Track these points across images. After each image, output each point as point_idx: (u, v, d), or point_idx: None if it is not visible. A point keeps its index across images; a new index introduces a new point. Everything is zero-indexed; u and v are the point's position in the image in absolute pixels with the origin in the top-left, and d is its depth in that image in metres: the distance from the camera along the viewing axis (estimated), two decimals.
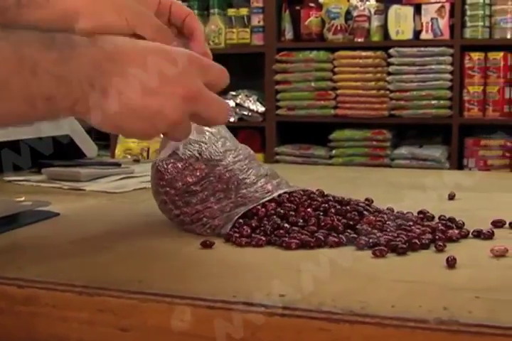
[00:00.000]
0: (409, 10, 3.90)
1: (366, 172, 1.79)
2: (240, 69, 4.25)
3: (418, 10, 3.90)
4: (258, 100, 4.12)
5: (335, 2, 4.02)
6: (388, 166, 3.82)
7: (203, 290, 0.70)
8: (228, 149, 1.00)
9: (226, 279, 0.76)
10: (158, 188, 0.97)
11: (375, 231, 0.91)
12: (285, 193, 1.00)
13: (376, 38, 3.94)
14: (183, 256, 0.86)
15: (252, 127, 4.17)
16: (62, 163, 1.49)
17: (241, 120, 4.11)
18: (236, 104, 4.09)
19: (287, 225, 0.92)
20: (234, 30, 4.17)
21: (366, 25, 3.95)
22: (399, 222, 0.95)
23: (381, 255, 0.83)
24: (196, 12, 4.12)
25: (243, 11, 4.20)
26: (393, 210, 1.02)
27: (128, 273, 0.78)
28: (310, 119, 4.02)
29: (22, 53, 0.69)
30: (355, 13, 3.97)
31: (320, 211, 0.96)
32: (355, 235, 0.90)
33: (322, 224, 0.92)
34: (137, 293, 0.70)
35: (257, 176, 0.99)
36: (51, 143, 1.54)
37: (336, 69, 3.96)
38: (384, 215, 0.98)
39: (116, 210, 1.16)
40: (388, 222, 0.95)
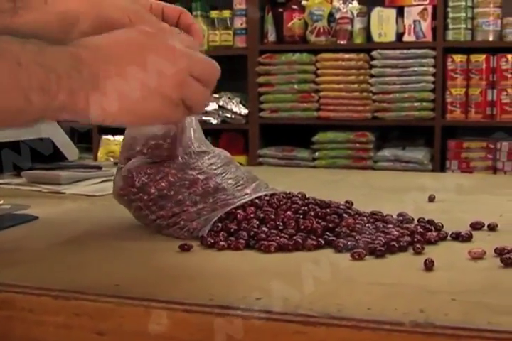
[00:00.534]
0: (391, 12, 3.91)
1: (347, 174, 1.79)
2: (223, 71, 4.21)
3: (401, 12, 3.90)
4: (241, 102, 4.11)
5: (318, 4, 4.02)
6: (371, 168, 3.82)
7: (180, 293, 0.70)
8: (202, 152, 1.00)
9: (203, 283, 0.75)
10: (130, 196, 0.97)
11: (354, 233, 0.91)
12: (266, 196, 1.00)
13: (359, 41, 3.94)
14: (161, 260, 0.86)
15: (235, 129, 4.16)
16: (42, 166, 1.48)
17: (224, 122, 4.10)
18: (219, 107, 4.08)
19: (265, 229, 0.91)
20: (217, 32, 4.16)
21: (349, 27, 3.95)
22: (378, 225, 0.95)
23: (359, 258, 0.83)
24: None
25: (226, 13, 4.20)
26: (373, 213, 1.02)
27: (105, 276, 0.78)
28: (293, 121, 4.02)
29: (2, 48, 0.69)
30: (337, 16, 3.97)
31: (300, 214, 0.96)
32: (333, 238, 0.90)
33: (302, 227, 0.92)
34: (114, 297, 0.70)
35: (235, 179, 0.99)
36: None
37: (319, 71, 3.96)
38: (364, 218, 0.98)
39: (95, 213, 1.15)
40: (368, 225, 0.95)
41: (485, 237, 0.94)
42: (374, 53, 3.84)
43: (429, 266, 0.78)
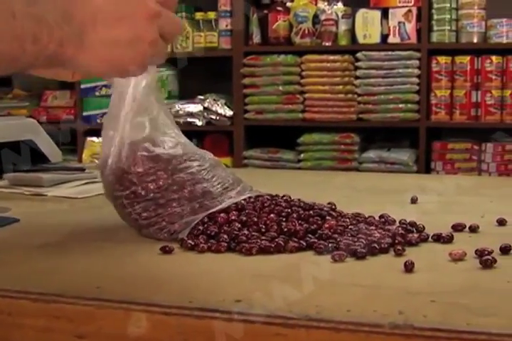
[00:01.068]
0: (376, 14, 3.91)
1: (331, 176, 1.79)
2: (208, 73, 4.24)
3: (385, 14, 3.91)
4: (226, 104, 4.11)
5: (302, 6, 4.02)
6: (356, 170, 3.83)
7: (160, 296, 0.70)
8: (191, 156, 0.99)
9: (183, 285, 0.75)
10: (116, 192, 0.97)
11: (336, 235, 0.91)
12: (250, 198, 1.00)
13: (344, 42, 3.95)
14: (142, 262, 0.85)
15: (220, 131, 4.15)
16: (24, 168, 1.47)
17: (209, 124, 4.10)
18: (204, 108, 4.07)
19: (247, 231, 0.91)
20: (202, 33, 4.16)
21: (334, 29, 3.95)
22: (360, 226, 0.95)
23: (340, 259, 0.83)
24: None
25: (211, 15, 4.20)
26: (356, 214, 1.02)
27: (86, 279, 0.78)
28: (278, 123, 4.02)
29: None
30: (322, 17, 3.97)
31: (282, 216, 0.96)
32: (315, 240, 0.90)
33: (285, 230, 0.92)
34: (93, 300, 0.70)
35: (220, 182, 0.99)
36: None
37: (304, 73, 3.96)
38: (346, 219, 0.98)
39: (76, 216, 1.15)
40: (350, 227, 0.95)
41: (466, 239, 0.95)
42: (359, 55, 3.85)
43: (409, 268, 0.79)
